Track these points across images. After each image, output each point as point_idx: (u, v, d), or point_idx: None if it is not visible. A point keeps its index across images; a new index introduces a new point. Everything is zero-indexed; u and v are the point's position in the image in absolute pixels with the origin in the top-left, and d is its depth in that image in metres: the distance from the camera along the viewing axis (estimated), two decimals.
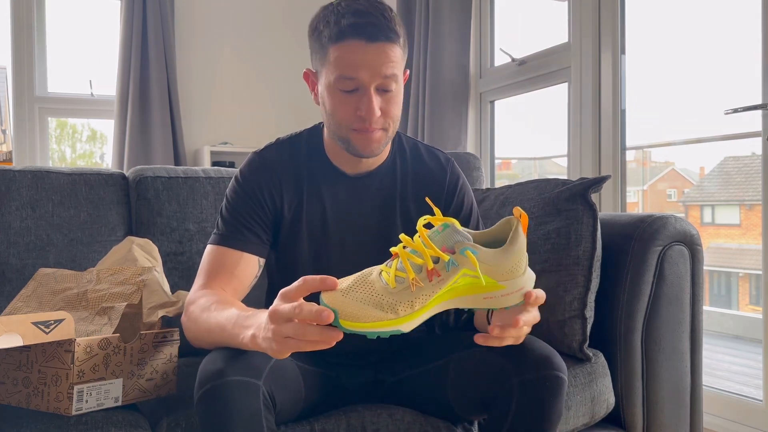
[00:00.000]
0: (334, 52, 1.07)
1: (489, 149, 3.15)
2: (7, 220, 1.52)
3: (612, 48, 2.44)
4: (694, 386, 1.47)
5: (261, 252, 1.17)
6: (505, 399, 0.99)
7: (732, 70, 2.54)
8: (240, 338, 0.90)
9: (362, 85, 1.07)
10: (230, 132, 3.68)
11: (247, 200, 1.16)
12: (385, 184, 1.23)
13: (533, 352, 1.01)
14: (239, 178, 1.19)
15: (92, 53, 3.66)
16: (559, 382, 0.99)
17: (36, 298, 1.28)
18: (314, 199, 1.19)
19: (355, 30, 1.05)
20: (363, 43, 1.05)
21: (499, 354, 1.02)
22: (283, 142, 1.23)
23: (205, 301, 1.03)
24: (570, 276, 1.37)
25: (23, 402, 1.09)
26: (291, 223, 1.19)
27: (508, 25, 3.12)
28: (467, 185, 1.31)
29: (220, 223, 1.18)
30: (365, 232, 1.21)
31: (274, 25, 3.73)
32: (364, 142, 1.11)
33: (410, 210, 1.24)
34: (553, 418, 1.00)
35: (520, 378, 0.98)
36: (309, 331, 0.78)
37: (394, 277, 0.82)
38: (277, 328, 0.81)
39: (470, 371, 1.07)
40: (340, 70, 1.06)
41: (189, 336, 1.08)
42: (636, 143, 2.58)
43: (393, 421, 1.11)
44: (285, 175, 1.18)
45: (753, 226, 4.04)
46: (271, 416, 0.93)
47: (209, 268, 1.13)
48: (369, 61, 1.06)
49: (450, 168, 1.28)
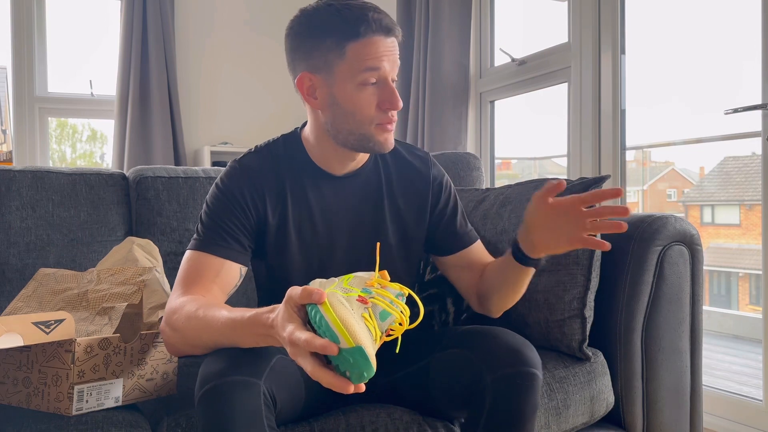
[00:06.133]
0: (355, 48, 1.07)
1: (489, 149, 3.15)
2: (7, 220, 1.52)
3: (612, 48, 2.44)
4: (694, 386, 1.47)
5: (243, 260, 1.14)
6: (479, 396, 1.02)
7: (732, 70, 2.54)
8: (257, 339, 0.90)
9: (383, 77, 1.09)
10: (230, 132, 3.68)
11: (230, 206, 1.13)
12: (371, 183, 1.23)
13: (504, 348, 1.03)
14: (220, 185, 1.16)
15: (92, 53, 3.66)
16: (531, 376, 1.01)
17: (36, 298, 1.28)
18: (299, 201, 1.18)
19: (380, 25, 1.07)
20: (383, 37, 1.08)
21: (472, 352, 1.05)
22: (262, 149, 1.21)
23: (191, 307, 1.01)
24: (570, 275, 1.38)
25: (23, 402, 1.10)
26: (277, 229, 1.17)
27: (508, 25, 3.12)
28: (449, 180, 1.33)
29: (200, 229, 1.14)
30: (355, 232, 1.21)
31: (274, 25, 3.73)
32: (386, 135, 1.13)
33: (400, 207, 1.24)
34: (527, 412, 1.01)
35: (492, 375, 1.01)
36: (323, 377, 0.79)
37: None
38: (294, 352, 0.81)
39: (448, 370, 1.09)
40: (368, 63, 1.07)
41: (174, 343, 1.04)
42: (636, 143, 2.59)
43: (392, 421, 1.11)
44: (267, 181, 1.17)
45: (753, 226, 4.04)
46: (271, 416, 0.93)
47: (189, 275, 1.09)
48: (388, 53, 1.09)
49: (431, 164, 1.30)
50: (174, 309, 1.04)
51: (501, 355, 1.02)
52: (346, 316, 0.79)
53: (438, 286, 1.49)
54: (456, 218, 1.29)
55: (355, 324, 0.79)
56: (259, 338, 0.90)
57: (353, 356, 0.77)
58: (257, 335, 0.90)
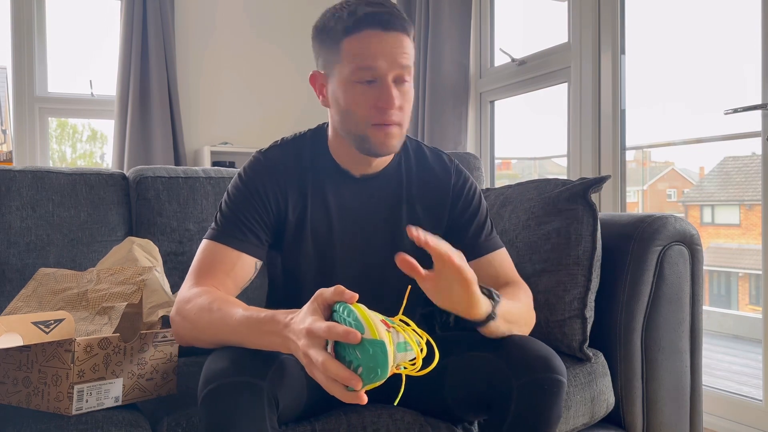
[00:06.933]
0: (349, 44, 1.05)
1: (489, 149, 3.15)
2: (7, 220, 1.52)
3: (612, 48, 2.44)
4: (694, 386, 1.47)
5: (260, 254, 1.13)
6: (503, 401, 0.99)
7: (732, 70, 2.54)
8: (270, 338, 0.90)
9: (380, 75, 1.06)
10: (230, 132, 3.68)
11: (251, 200, 1.13)
12: (391, 186, 1.21)
13: (531, 354, 1.00)
14: (243, 176, 1.16)
15: (92, 53, 3.66)
16: (558, 384, 0.99)
17: (36, 298, 1.28)
18: (319, 201, 1.17)
19: (372, 19, 1.04)
20: (380, 32, 1.04)
21: (497, 356, 1.02)
22: (288, 143, 1.20)
23: (204, 300, 1.00)
24: (570, 276, 1.38)
25: (23, 402, 1.10)
26: (296, 226, 1.17)
27: (508, 25, 3.12)
28: (475, 187, 1.26)
29: (219, 219, 1.13)
30: (371, 235, 1.19)
31: (274, 24, 3.73)
32: (383, 137, 1.08)
33: (417, 212, 1.22)
34: (552, 420, 1.00)
35: (519, 381, 0.98)
36: (335, 390, 0.79)
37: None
38: (309, 364, 0.82)
39: (468, 373, 1.06)
40: (359, 60, 1.04)
41: (183, 333, 1.05)
42: (636, 143, 2.59)
43: (393, 422, 1.11)
44: (290, 177, 1.16)
45: (753, 226, 4.04)
46: (274, 416, 0.93)
47: (204, 265, 1.09)
48: (386, 49, 1.05)
49: (455, 170, 1.25)
50: (187, 299, 1.03)
51: (529, 361, 0.99)
52: (373, 317, 0.80)
53: None
54: (470, 227, 1.22)
55: (381, 326, 0.80)
56: (271, 338, 0.90)
57: (374, 347, 0.77)
58: (270, 334, 0.89)
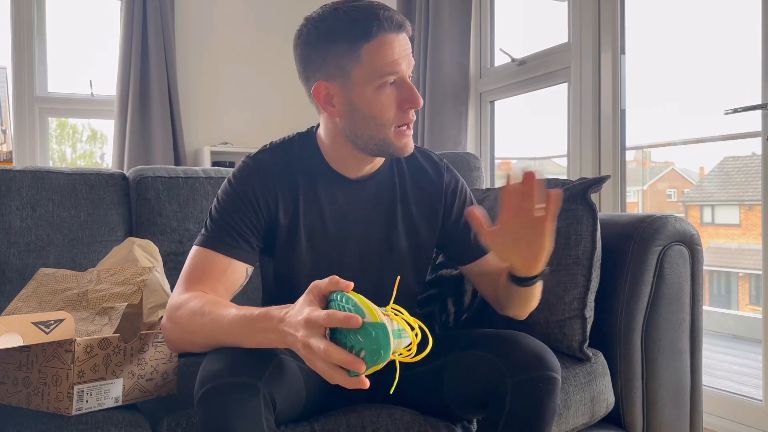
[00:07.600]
0: (370, 49, 1.04)
1: (489, 149, 3.15)
2: (7, 220, 1.52)
3: (612, 48, 2.44)
4: (694, 386, 1.47)
5: (250, 260, 1.12)
6: (499, 399, 1.00)
7: (732, 70, 2.54)
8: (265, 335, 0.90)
9: (401, 76, 1.07)
10: (230, 132, 3.68)
11: (241, 205, 1.11)
12: (385, 187, 1.21)
13: (526, 352, 1.01)
14: (232, 181, 1.14)
15: (92, 53, 3.66)
16: (552, 381, 1.00)
17: (36, 298, 1.28)
18: (311, 203, 1.16)
19: (390, 21, 1.04)
20: (395, 34, 1.06)
21: (493, 354, 1.03)
22: (276, 146, 1.19)
23: (195, 304, 1.00)
24: (570, 276, 1.38)
25: (23, 402, 1.10)
26: (288, 230, 1.15)
27: (508, 25, 3.12)
28: (466, 187, 1.29)
29: (209, 225, 1.11)
30: (367, 237, 1.19)
31: (274, 24, 3.74)
32: (405, 139, 1.10)
33: (412, 213, 1.22)
34: (548, 417, 1.01)
35: (514, 378, 0.99)
36: (337, 377, 0.80)
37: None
38: (309, 355, 0.81)
39: (466, 372, 1.07)
40: (385, 64, 1.05)
41: (175, 339, 1.03)
42: (636, 143, 2.59)
43: (392, 421, 1.11)
44: (280, 180, 1.14)
45: (753, 226, 4.04)
46: (271, 416, 0.93)
47: (195, 271, 1.08)
48: (404, 51, 1.07)
49: (446, 170, 1.27)
50: (177, 305, 1.02)
51: (523, 359, 1.01)
52: (371, 303, 0.80)
53: (438, 287, 1.49)
54: (471, 227, 1.23)
55: (379, 309, 0.80)
56: (266, 334, 0.89)
57: (375, 329, 0.77)
58: (265, 331, 0.89)
